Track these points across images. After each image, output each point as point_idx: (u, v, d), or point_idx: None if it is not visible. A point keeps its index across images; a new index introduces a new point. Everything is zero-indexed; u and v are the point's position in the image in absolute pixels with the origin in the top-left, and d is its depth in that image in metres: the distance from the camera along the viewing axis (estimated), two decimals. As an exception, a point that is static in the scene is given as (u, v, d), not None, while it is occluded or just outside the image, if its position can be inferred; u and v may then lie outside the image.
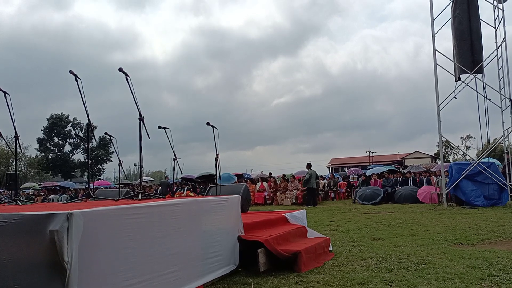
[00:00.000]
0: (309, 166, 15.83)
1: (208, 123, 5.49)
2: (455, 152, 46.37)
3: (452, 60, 12.89)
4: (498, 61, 12.62)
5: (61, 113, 57.27)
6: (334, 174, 25.07)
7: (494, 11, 12.92)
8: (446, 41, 13.10)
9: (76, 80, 4.27)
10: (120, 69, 4.35)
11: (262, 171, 22.81)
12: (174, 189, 18.09)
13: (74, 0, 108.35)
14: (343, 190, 19.32)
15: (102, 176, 55.93)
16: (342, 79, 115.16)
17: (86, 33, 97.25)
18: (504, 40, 12.56)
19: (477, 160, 12.49)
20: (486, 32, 12.81)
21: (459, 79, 12.77)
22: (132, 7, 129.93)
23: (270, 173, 21.95)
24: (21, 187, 32.76)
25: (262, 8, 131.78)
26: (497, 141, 14.19)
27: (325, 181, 19.89)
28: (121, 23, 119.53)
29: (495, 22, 12.90)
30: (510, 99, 12.15)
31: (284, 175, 20.01)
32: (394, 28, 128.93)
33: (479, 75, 12.59)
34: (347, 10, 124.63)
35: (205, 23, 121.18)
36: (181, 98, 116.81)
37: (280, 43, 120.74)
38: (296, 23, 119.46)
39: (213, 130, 5.49)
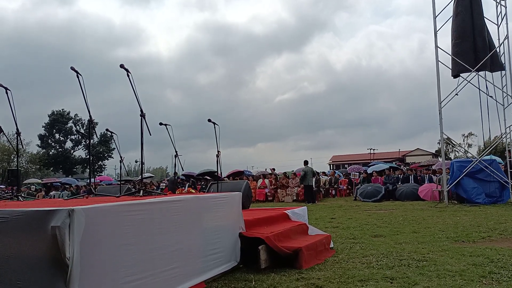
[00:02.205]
0: (305, 163, 15.90)
1: (209, 120, 5.49)
2: (457, 150, 46.28)
3: (450, 54, 12.81)
4: (500, 58, 12.58)
5: (62, 109, 57.30)
6: (335, 171, 25.06)
7: (496, 8, 12.86)
8: (449, 38, 13.03)
9: (77, 77, 4.27)
10: (121, 66, 4.35)
11: (266, 169, 22.74)
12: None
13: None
14: (344, 187, 19.33)
15: (103, 172, 56.04)
16: (346, 76, 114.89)
17: (90, 29, 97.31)
18: (507, 37, 12.51)
19: (479, 158, 12.47)
20: (489, 29, 12.75)
21: (457, 76, 12.71)
22: (136, 3, 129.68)
23: (273, 169, 21.92)
24: (23, 182, 32.87)
25: (268, 3, 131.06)
26: (499, 139, 14.16)
27: (325, 177, 19.90)
28: (125, 19, 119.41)
29: (497, 19, 12.84)
30: (513, 96, 12.11)
31: (285, 173, 20.02)
32: (399, 24, 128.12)
33: (481, 73, 12.54)
34: (353, 6, 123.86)
35: (210, 19, 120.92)
36: (184, 95, 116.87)
37: (285, 39, 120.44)
38: (302, 19, 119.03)
39: (214, 127, 5.49)
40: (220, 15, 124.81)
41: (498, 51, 12.56)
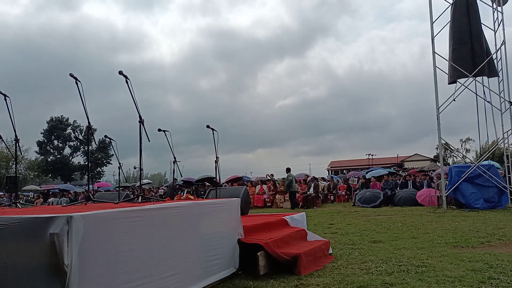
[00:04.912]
0: (288, 170, 16.14)
1: (208, 126, 5.50)
2: (455, 155, 46.33)
3: (448, 60, 12.87)
4: (497, 63, 12.65)
5: (61, 115, 57.41)
6: (333, 176, 25.05)
7: (493, 14, 12.96)
8: (448, 44, 13.11)
9: (76, 83, 4.28)
10: (120, 72, 4.36)
11: (267, 175, 22.68)
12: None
13: (82, 1, 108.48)
14: (343, 192, 19.31)
15: (101, 179, 55.95)
16: (348, 80, 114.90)
17: (93, 34, 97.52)
18: (504, 42, 12.60)
19: (477, 163, 12.49)
20: (486, 35, 12.84)
21: (453, 82, 12.78)
22: (140, 8, 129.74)
23: (272, 175, 21.88)
24: (22, 189, 32.78)
25: (271, 8, 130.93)
26: (496, 144, 14.19)
27: (324, 183, 19.89)
28: (129, 24, 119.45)
29: (494, 24, 12.94)
30: (510, 101, 12.16)
31: (284, 179, 20.00)
32: (402, 28, 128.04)
33: (479, 78, 12.60)
34: (356, 10, 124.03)
35: (213, 23, 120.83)
36: (186, 100, 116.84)
37: (288, 44, 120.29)
38: (305, 23, 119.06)
39: (213, 133, 5.50)
40: (223, 19, 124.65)
41: (495, 56, 12.64)
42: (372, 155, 58.03)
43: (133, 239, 2.89)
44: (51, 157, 56.23)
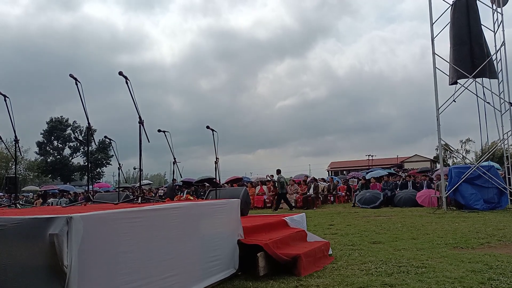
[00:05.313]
0: (279, 172, 16.13)
1: (207, 127, 5.50)
2: (455, 156, 46.37)
3: (448, 62, 12.88)
4: (497, 64, 12.65)
5: (61, 116, 57.39)
6: (333, 177, 25.05)
7: (493, 15, 12.97)
8: (448, 44, 13.11)
9: (76, 84, 4.28)
10: (120, 73, 4.36)
11: (267, 175, 22.66)
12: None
13: (82, 1, 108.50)
14: (343, 193, 19.31)
15: (101, 179, 55.93)
16: (348, 81, 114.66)
17: (93, 35, 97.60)
18: (503, 43, 12.60)
19: (477, 164, 12.49)
20: (485, 36, 12.84)
21: (455, 83, 12.79)
22: (141, 8, 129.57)
23: (272, 175, 21.87)
24: (22, 189, 32.78)
25: (272, 9, 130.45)
26: (496, 145, 14.20)
27: (324, 183, 19.89)
28: (129, 25, 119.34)
29: (494, 25, 12.95)
30: (510, 102, 12.17)
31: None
32: (402, 29, 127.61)
33: (479, 79, 12.60)
34: (357, 11, 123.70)
35: (214, 24, 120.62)
36: (186, 100, 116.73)
37: (288, 44, 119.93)
38: (305, 24, 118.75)
39: (213, 134, 5.50)
40: (223, 20, 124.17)
41: (495, 57, 12.64)
42: (372, 156, 58.08)
43: (132, 240, 2.89)
44: (50, 158, 56.21)
